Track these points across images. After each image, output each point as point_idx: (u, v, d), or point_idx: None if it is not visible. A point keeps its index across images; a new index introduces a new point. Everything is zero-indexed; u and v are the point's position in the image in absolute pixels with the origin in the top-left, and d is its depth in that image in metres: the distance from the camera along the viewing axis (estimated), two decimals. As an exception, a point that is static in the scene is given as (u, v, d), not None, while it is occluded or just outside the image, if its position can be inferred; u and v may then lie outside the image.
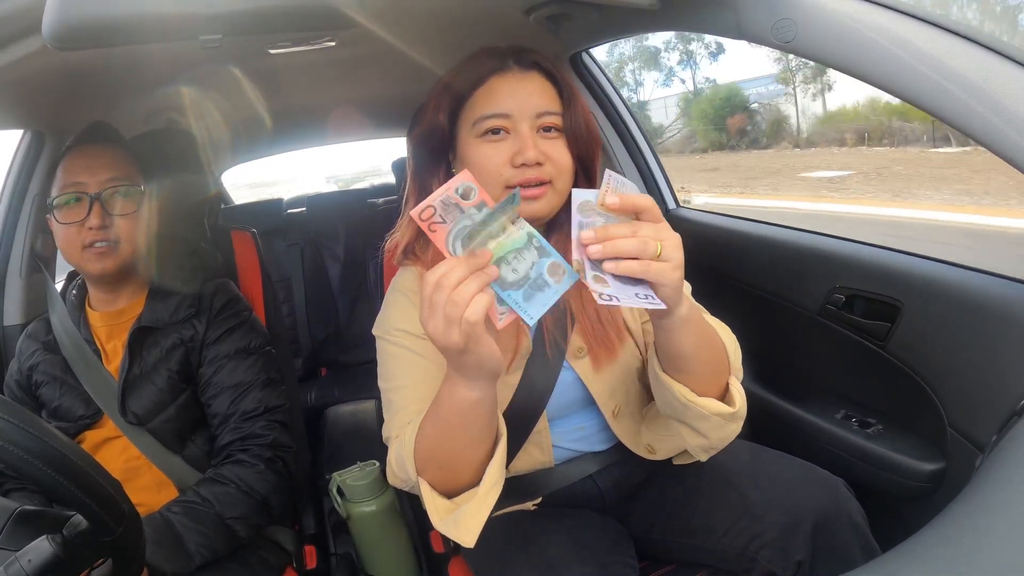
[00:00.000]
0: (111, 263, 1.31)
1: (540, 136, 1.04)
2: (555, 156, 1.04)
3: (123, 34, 0.91)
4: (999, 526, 0.61)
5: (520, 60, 1.07)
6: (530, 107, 1.03)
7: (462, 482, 0.94)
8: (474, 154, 1.04)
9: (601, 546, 1.08)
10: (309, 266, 3.00)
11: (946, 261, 1.29)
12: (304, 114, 2.67)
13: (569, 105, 1.07)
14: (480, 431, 0.90)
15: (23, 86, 1.31)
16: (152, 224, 1.40)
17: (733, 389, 1.01)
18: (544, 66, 1.08)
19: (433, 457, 0.94)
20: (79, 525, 0.80)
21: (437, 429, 0.92)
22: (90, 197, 1.29)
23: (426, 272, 0.78)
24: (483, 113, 1.04)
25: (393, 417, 1.06)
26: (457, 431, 0.89)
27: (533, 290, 0.78)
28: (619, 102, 2.14)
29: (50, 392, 1.36)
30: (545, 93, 1.06)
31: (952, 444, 1.18)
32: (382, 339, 1.11)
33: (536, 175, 1.02)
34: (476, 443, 0.91)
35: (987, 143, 0.85)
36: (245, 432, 1.34)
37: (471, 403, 0.86)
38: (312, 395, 2.70)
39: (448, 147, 1.10)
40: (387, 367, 1.10)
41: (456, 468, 0.94)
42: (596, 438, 1.20)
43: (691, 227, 2.06)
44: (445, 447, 0.92)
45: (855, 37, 0.95)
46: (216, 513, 1.23)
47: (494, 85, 1.06)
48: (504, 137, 1.04)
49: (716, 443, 1.04)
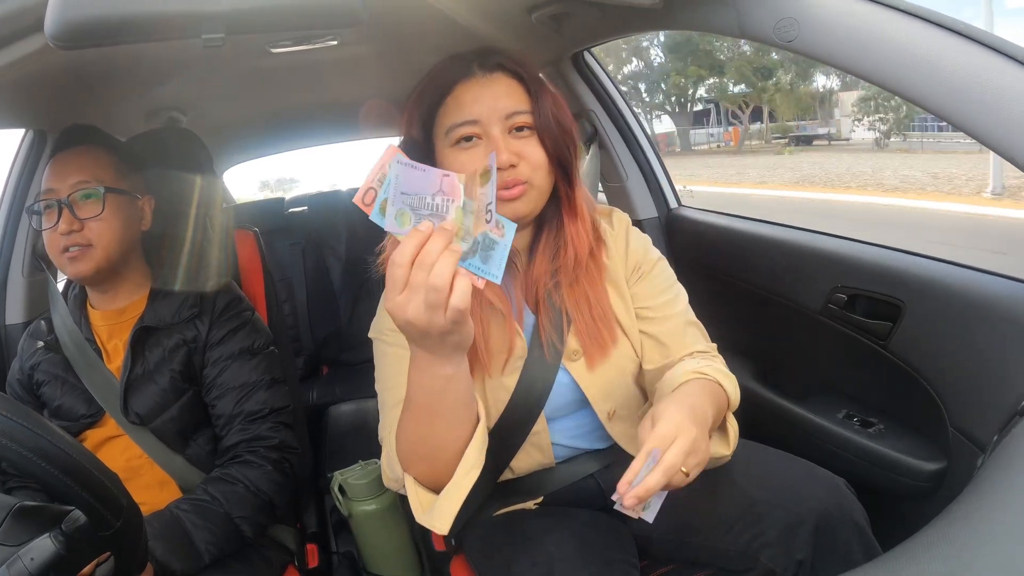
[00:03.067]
0: (84, 267, 1.31)
1: (513, 137, 1.04)
2: (529, 154, 1.04)
3: (125, 33, 0.91)
4: (1000, 526, 0.61)
5: (484, 63, 1.07)
6: (498, 110, 1.04)
7: (447, 472, 0.94)
8: (451, 163, 1.05)
9: (602, 545, 1.08)
10: (311, 265, 3.01)
11: (948, 261, 1.29)
12: (305, 113, 2.68)
13: (538, 101, 1.06)
14: (457, 411, 0.90)
15: (25, 85, 1.31)
16: (135, 223, 1.40)
17: (729, 427, 1.04)
18: (508, 66, 1.08)
19: (415, 451, 0.95)
20: (78, 520, 0.80)
21: (414, 417, 0.92)
22: (59, 203, 1.29)
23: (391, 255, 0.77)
24: (453, 122, 1.04)
25: (385, 417, 1.07)
26: (434, 416, 0.90)
27: (486, 251, 0.79)
28: (621, 101, 2.14)
29: (52, 391, 1.36)
30: (512, 93, 1.06)
31: (954, 443, 1.18)
32: (377, 340, 1.12)
33: (512, 177, 1.02)
34: (454, 425, 0.92)
35: (988, 142, 0.85)
36: (252, 433, 1.35)
37: (445, 379, 0.85)
38: (314, 394, 2.70)
39: (429, 159, 1.10)
40: (381, 369, 1.11)
41: (439, 458, 0.94)
42: (594, 435, 1.20)
43: (693, 226, 2.06)
44: (424, 435, 0.92)
45: (857, 36, 0.95)
46: (225, 512, 1.24)
47: (460, 93, 1.06)
48: (477, 143, 1.04)
49: (711, 467, 1.06)
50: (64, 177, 1.30)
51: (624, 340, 1.16)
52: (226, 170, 3.34)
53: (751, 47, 25.33)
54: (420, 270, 0.74)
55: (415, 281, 0.75)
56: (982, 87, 0.85)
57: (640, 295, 1.18)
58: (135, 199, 1.40)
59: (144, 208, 1.42)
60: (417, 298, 0.75)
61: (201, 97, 2.02)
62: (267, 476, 1.31)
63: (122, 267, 1.38)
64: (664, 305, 1.18)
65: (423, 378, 0.86)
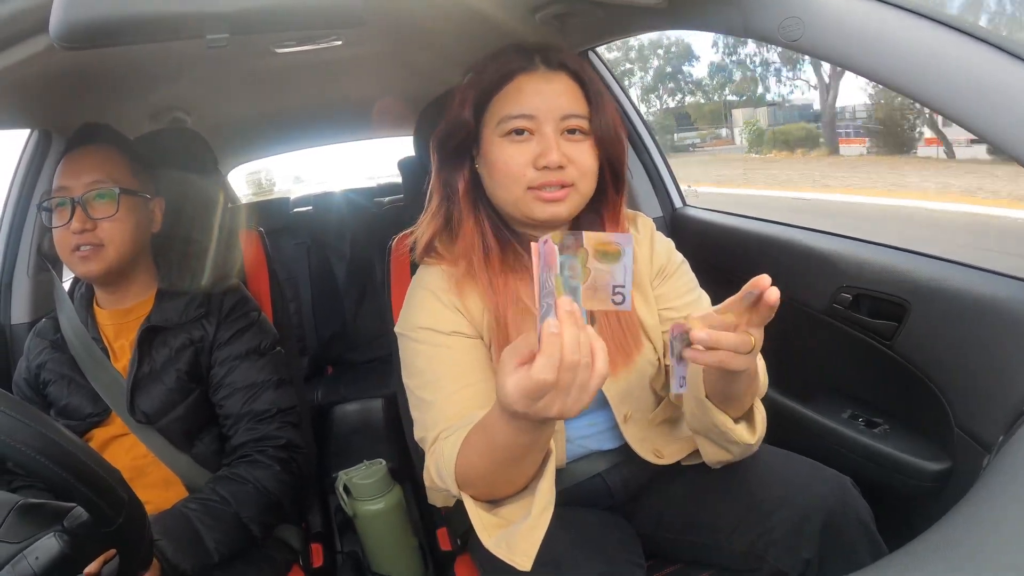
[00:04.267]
0: (95, 266, 1.31)
1: (564, 138, 1.04)
2: (578, 159, 1.04)
3: (129, 33, 0.91)
4: (1006, 526, 0.60)
5: (548, 60, 1.07)
6: (556, 109, 1.03)
7: (509, 492, 0.93)
8: (497, 153, 1.05)
9: (608, 544, 1.08)
10: (315, 265, 3.01)
11: (954, 260, 1.28)
12: (310, 113, 2.68)
13: (597, 107, 1.06)
14: (536, 458, 0.88)
15: (29, 86, 1.31)
16: (146, 224, 1.40)
17: (756, 413, 1.02)
18: (571, 67, 1.08)
19: (480, 482, 0.92)
20: (80, 517, 0.80)
21: (485, 462, 0.88)
22: (72, 201, 1.29)
23: (534, 363, 0.68)
24: (509, 112, 1.04)
25: (424, 416, 1.05)
26: (511, 463, 0.87)
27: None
28: (625, 101, 2.14)
29: (58, 390, 1.37)
30: (571, 94, 1.06)
31: (959, 444, 1.17)
32: (405, 336, 1.11)
33: (558, 178, 1.02)
34: (529, 466, 0.89)
35: (994, 141, 0.85)
36: (260, 433, 1.35)
37: (531, 442, 0.82)
38: (319, 393, 2.71)
39: (472, 143, 1.10)
40: (413, 364, 1.09)
41: (505, 486, 0.92)
42: (605, 436, 1.19)
43: (697, 226, 2.06)
44: (494, 474, 0.90)
45: (862, 35, 0.95)
46: (234, 512, 1.24)
47: (521, 84, 1.05)
48: (528, 138, 1.04)
49: (737, 458, 1.06)
50: (77, 175, 1.30)
51: (647, 345, 1.16)
52: (231, 170, 3.34)
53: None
54: (570, 372, 0.69)
55: (565, 382, 0.69)
56: (987, 86, 0.85)
57: (664, 296, 1.19)
58: (147, 200, 1.40)
59: (155, 210, 1.43)
60: (569, 396, 0.70)
61: (206, 97, 2.03)
62: (275, 476, 1.32)
63: (131, 268, 1.38)
64: (687, 306, 1.18)
65: (520, 437, 0.81)
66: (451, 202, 1.13)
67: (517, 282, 1.08)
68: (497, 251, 1.09)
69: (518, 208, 1.06)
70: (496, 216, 1.12)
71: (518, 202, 1.05)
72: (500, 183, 1.06)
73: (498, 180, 1.06)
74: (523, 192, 1.03)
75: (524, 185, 1.03)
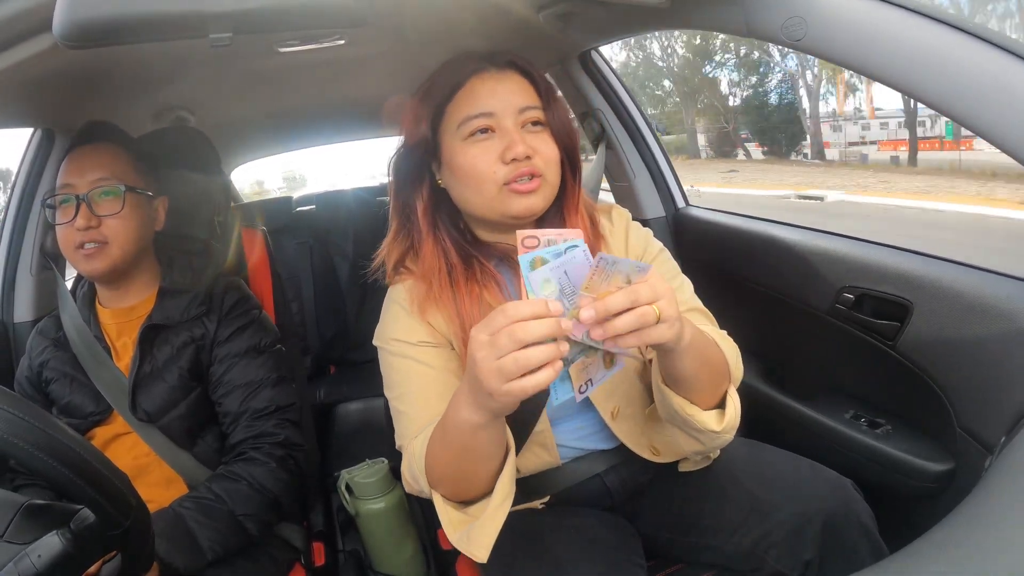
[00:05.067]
0: (100, 264, 1.31)
1: (526, 131, 1.05)
2: (542, 149, 1.04)
3: (133, 32, 0.92)
4: (1008, 527, 0.60)
5: (495, 61, 1.08)
6: (512, 103, 1.04)
7: (475, 492, 0.95)
8: (463, 157, 1.05)
9: (609, 545, 1.08)
10: (318, 264, 3.01)
11: (956, 261, 1.28)
12: (313, 112, 2.68)
13: (549, 101, 1.08)
14: (488, 449, 0.89)
15: (33, 85, 1.32)
16: (150, 222, 1.40)
17: (728, 400, 1.00)
18: (520, 65, 1.09)
19: (444, 475, 0.95)
20: (87, 519, 0.80)
21: (445, 450, 0.92)
22: (77, 198, 1.29)
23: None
24: (468, 114, 1.04)
25: (399, 426, 1.07)
26: (466, 451, 0.89)
27: (580, 369, 0.79)
28: (629, 100, 2.13)
29: (60, 389, 1.37)
30: (524, 90, 1.07)
31: (961, 445, 1.17)
32: (382, 348, 1.12)
33: (528, 168, 1.02)
34: (485, 459, 0.91)
35: (997, 142, 0.85)
36: (257, 430, 1.35)
37: (474, 426, 0.84)
38: (321, 392, 2.71)
39: (431, 157, 1.10)
40: (389, 377, 1.11)
41: (469, 481, 0.94)
42: (600, 435, 1.19)
43: (700, 226, 2.06)
44: (455, 465, 0.92)
45: (865, 35, 0.94)
46: (228, 510, 1.24)
47: (474, 86, 1.06)
48: (490, 136, 1.04)
49: (710, 450, 1.06)
50: (83, 173, 1.31)
51: None
52: (234, 169, 3.34)
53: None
54: (511, 338, 0.71)
55: (501, 342, 0.72)
56: (990, 86, 0.85)
57: None
58: (151, 199, 1.41)
59: (159, 208, 1.44)
60: (493, 353, 0.73)
61: (209, 96, 2.03)
62: (272, 473, 1.31)
63: (134, 266, 1.38)
64: None
65: (459, 416, 0.84)
66: (411, 223, 1.14)
67: (483, 291, 1.08)
68: (461, 268, 1.09)
69: (493, 208, 1.05)
70: (456, 232, 1.12)
71: (492, 201, 1.04)
72: (471, 186, 1.05)
73: (468, 183, 1.06)
74: (497, 190, 1.03)
75: (497, 182, 1.02)
